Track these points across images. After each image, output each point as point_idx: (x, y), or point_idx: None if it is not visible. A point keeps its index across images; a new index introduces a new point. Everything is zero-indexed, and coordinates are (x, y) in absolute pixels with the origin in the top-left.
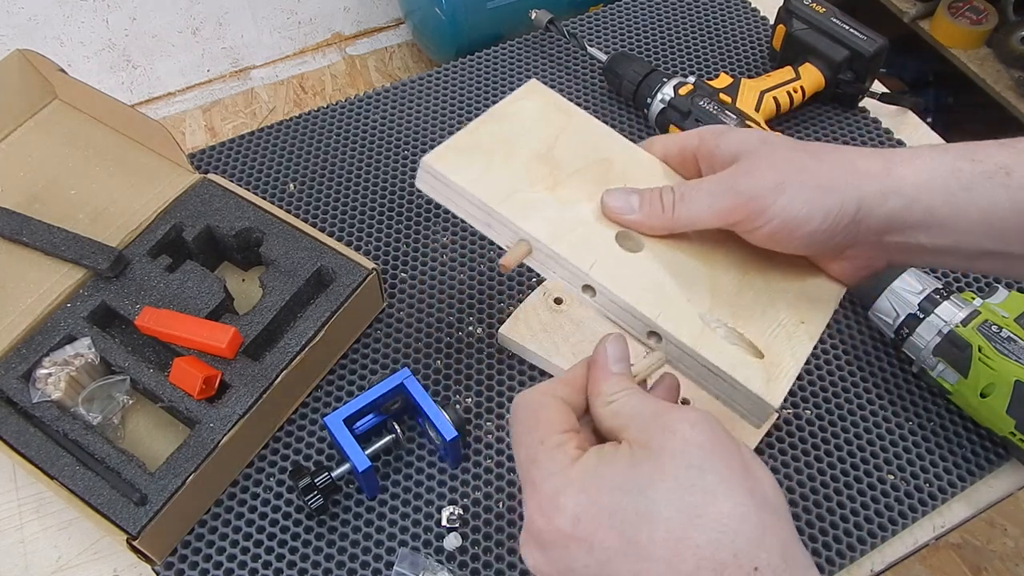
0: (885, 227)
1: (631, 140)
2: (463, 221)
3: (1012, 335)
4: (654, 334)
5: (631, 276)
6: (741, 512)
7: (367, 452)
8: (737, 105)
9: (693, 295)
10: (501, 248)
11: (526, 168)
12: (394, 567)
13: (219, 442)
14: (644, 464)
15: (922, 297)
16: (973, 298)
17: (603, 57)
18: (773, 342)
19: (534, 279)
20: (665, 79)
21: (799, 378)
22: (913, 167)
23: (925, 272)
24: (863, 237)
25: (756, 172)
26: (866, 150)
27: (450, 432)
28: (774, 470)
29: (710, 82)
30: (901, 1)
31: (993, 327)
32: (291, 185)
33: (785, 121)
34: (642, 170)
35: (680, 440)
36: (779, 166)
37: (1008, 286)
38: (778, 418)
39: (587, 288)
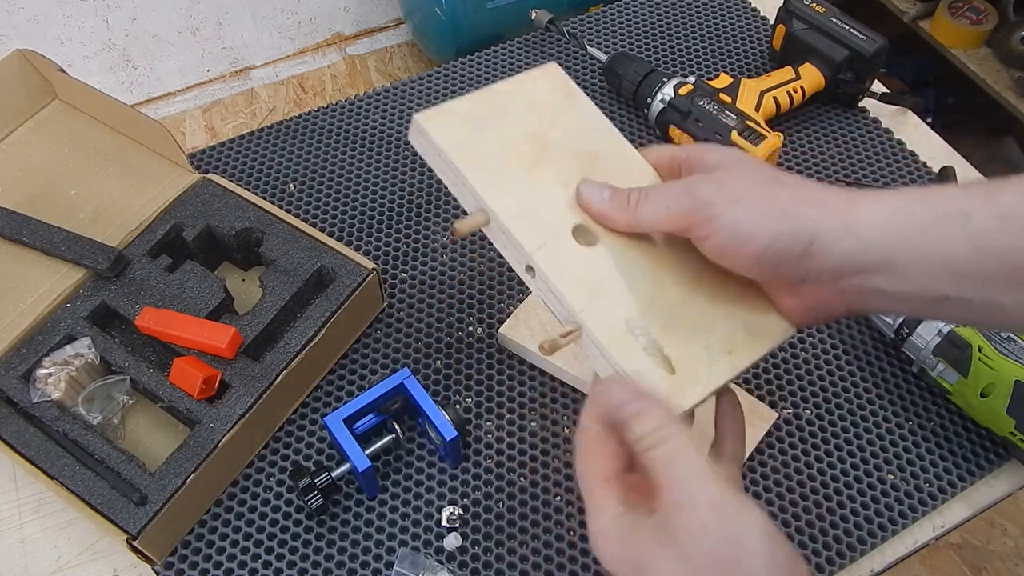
0: (841, 268)
1: (631, 140)
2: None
3: (1012, 335)
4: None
5: (574, 268)
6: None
7: (367, 452)
8: (737, 105)
9: (628, 299)
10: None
11: (513, 143)
12: (394, 567)
13: (219, 442)
14: (667, 549)
15: None
16: None
17: (603, 57)
18: (691, 363)
19: None
20: (665, 79)
21: (799, 378)
22: (873, 209)
23: None
24: (817, 275)
25: (717, 181)
26: (835, 188)
27: (450, 432)
28: (774, 470)
29: (710, 82)
30: (901, 1)
31: None
32: (291, 185)
33: (785, 121)
34: (628, 171)
35: (699, 534)
36: (742, 182)
37: None
38: (778, 418)
39: (529, 269)
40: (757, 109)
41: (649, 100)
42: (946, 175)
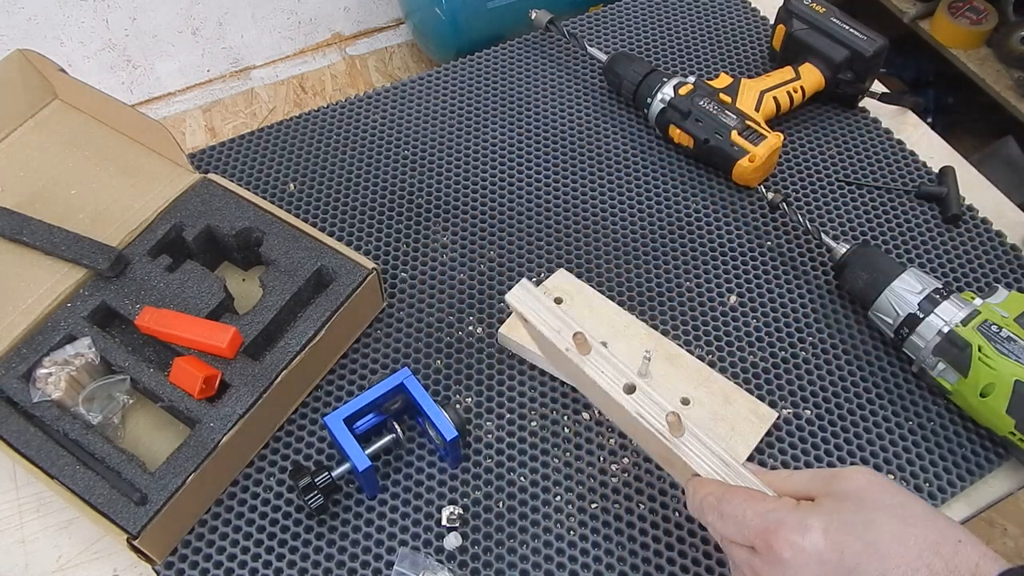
0: None
1: (631, 140)
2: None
3: (1012, 335)
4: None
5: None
6: (930, 511)
7: (367, 452)
8: (737, 105)
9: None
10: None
11: None
12: (394, 567)
13: (219, 442)
14: (846, 501)
15: (922, 297)
16: (973, 298)
17: (603, 57)
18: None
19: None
20: (665, 79)
21: (799, 378)
22: None
23: (925, 272)
24: None
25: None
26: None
27: (450, 432)
28: (774, 470)
29: (710, 82)
30: (901, 1)
31: (993, 327)
32: (291, 185)
33: (785, 121)
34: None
35: (862, 480)
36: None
37: (1008, 286)
38: (778, 418)
39: (629, 388)
40: (757, 109)
41: (649, 100)
42: (945, 175)
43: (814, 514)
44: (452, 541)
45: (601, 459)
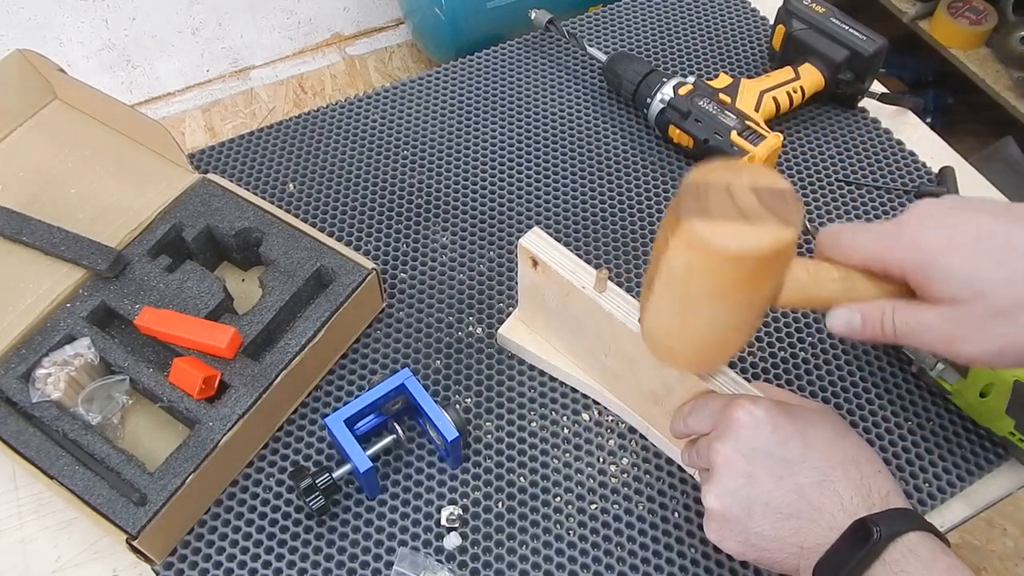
0: None
1: (631, 140)
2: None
3: None
4: None
5: None
6: (865, 445)
7: (368, 453)
8: (737, 105)
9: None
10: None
11: None
12: (394, 567)
13: (219, 442)
14: (801, 408)
15: None
16: None
17: (603, 57)
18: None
19: None
20: (665, 79)
21: (798, 378)
22: None
23: None
24: None
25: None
26: None
27: (451, 432)
28: None
29: (710, 82)
30: (901, 1)
31: None
32: (291, 185)
33: (785, 121)
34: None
35: (822, 409)
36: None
37: None
38: None
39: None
40: (757, 109)
41: (649, 100)
42: (945, 175)
43: (768, 398)
44: (452, 541)
45: (601, 459)
